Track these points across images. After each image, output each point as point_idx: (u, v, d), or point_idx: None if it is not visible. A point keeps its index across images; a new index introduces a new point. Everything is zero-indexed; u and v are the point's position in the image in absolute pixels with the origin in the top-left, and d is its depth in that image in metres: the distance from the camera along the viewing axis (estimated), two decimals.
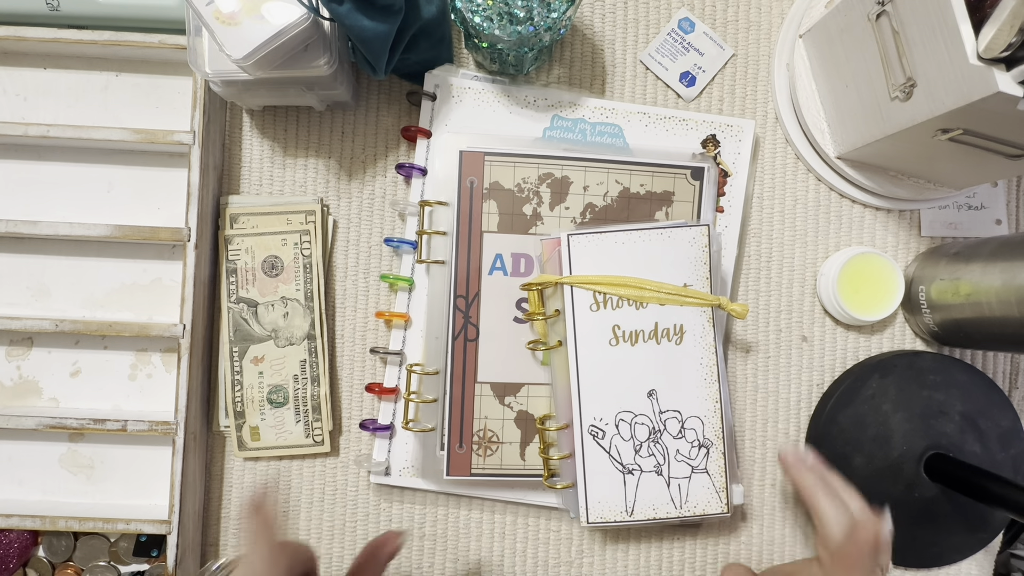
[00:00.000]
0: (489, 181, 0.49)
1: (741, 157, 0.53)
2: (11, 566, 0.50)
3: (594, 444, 0.48)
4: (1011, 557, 0.60)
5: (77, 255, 0.53)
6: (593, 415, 0.48)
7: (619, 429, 0.48)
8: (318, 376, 0.51)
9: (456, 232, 0.49)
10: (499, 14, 0.44)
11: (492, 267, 0.49)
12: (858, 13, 0.45)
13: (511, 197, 0.50)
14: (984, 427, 0.52)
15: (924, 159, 0.49)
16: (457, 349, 0.49)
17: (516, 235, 0.50)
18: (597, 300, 0.48)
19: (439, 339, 0.50)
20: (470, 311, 0.49)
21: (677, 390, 0.48)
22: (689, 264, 0.49)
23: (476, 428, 0.49)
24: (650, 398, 0.48)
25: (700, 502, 0.48)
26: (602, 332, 0.48)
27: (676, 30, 0.55)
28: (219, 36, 0.41)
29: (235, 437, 0.51)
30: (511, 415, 0.50)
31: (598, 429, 0.48)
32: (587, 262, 0.48)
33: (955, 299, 0.49)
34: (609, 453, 0.48)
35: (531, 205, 0.50)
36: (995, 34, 0.36)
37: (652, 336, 0.48)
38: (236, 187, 0.53)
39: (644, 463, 0.48)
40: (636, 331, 0.48)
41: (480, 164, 0.49)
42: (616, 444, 0.48)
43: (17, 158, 0.52)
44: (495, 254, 0.50)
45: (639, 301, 0.48)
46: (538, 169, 0.50)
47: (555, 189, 0.50)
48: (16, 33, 0.49)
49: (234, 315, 0.51)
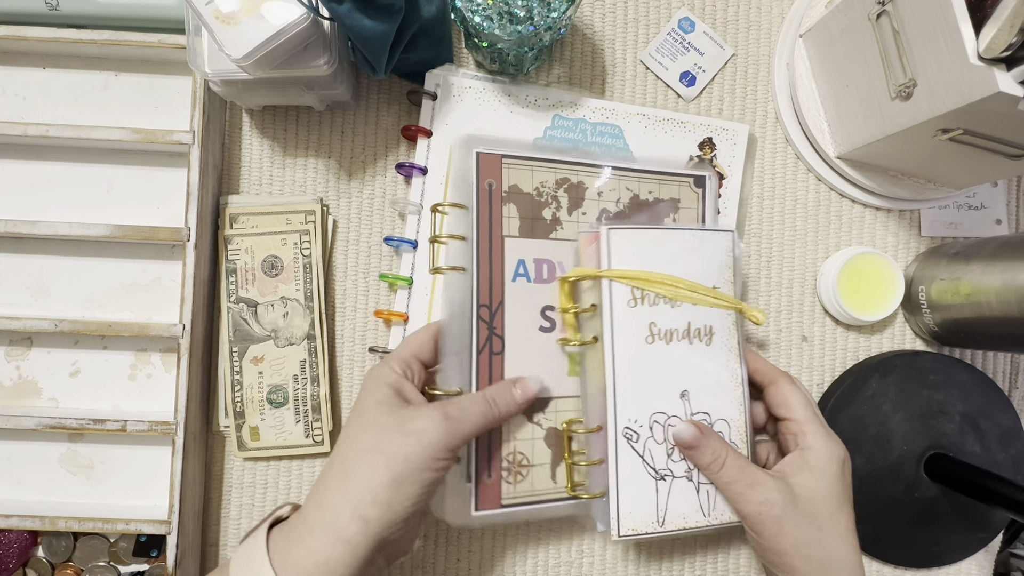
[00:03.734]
0: (508, 184, 0.47)
1: (736, 160, 0.53)
2: (10, 566, 0.50)
3: (628, 448, 0.45)
4: (1011, 557, 0.60)
5: (76, 255, 0.53)
6: (628, 416, 0.45)
7: (652, 431, 0.46)
8: (318, 376, 0.51)
9: (476, 237, 0.46)
10: (499, 14, 0.44)
11: (516, 273, 0.47)
12: (858, 13, 0.45)
13: (531, 201, 0.48)
14: (984, 427, 0.52)
15: (924, 159, 0.49)
16: (482, 364, 0.45)
17: (538, 240, 0.47)
18: (635, 296, 0.46)
19: (460, 355, 0.45)
20: (494, 322, 0.46)
21: (707, 391, 0.47)
22: (717, 267, 0.48)
23: (506, 452, 0.46)
24: (683, 399, 0.46)
25: (726, 509, 0.46)
26: (639, 329, 0.46)
27: (676, 30, 0.55)
28: (219, 36, 0.41)
29: (235, 437, 0.51)
30: (541, 433, 0.47)
31: (632, 431, 0.45)
32: (625, 257, 0.46)
33: (955, 299, 0.49)
34: (643, 457, 0.45)
35: (550, 209, 0.48)
36: (995, 34, 0.36)
37: (685, 335, 0.47)
38: (236, 187, 0.53)
39: (676, 468, 0.46)
40: (671, 329, 0.46)
41: (498, 167, 0.47)
42: (650, 447, 0.46)
43: (16, 158, 0.52)
44: (517, 260, 0.47)
45: (674, 299, 0.47)
46: (555, 174, 0.48)
47: (572, 194, 0.49)
48: (15, 33, 0.49)
49: (234, 315, 0.51)
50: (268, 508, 0.53)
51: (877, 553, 0.53)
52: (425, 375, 0.45)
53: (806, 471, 0.43)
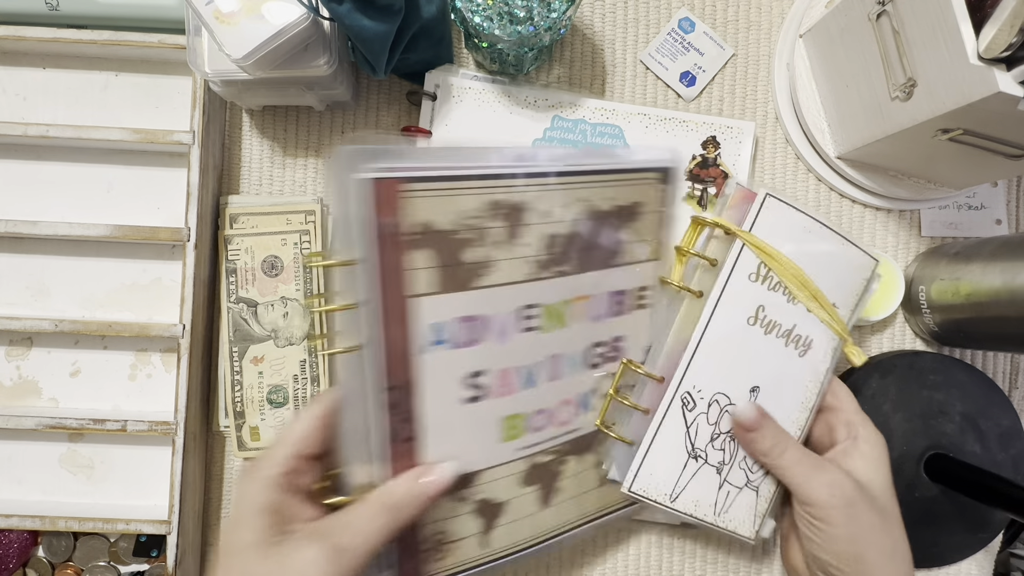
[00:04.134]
0: (415, 221, 0.35)
1: (741, 159, 0.53)
2: (11, 566, 0.50)
3: (679, 412, 0.43)
4: (1011, 557, 0.60)
5: (77, 255, 0.53)
6: (694, 382, 0.43)
7: (709, 409, 0.44)
8: (318, 376, 0.51)
9: (373, 304, 0.35)
10: (499, 14, 0.44)
11: (431, 342, 0.36)
12: (858, 13, 0.45)
13: (449, 242, 0.36)
14: (984, 427, 0.52)
15: (924, 159, 0.49)
16: (393, 454, 0.37)
17: (462, 293, 0.37)
18: (760, 272, 0.43)
19: (360, 447, 0.36)
20: (405, 405, 0.36)
21: (776, 399, 0.44)
22: (847, 288, 0.46)
23: (424, 535, 0.39)
24: (752, 393, 0.44)
25: (735, 518, 0.45)
26: (748, 305, 0.43)
27: (676, 30, 0.55)
28: (219, 36, 0.41)
29: (235, 437, 0.51)
30: (468, 508, 0.40)
31: (691, 399, 0.43)
32: (770, 229, 0.43)
33: (955, 299, 0.49)
34: (688, 428, 0.43)
35: (479, 248, 0.37)
36: (995, 34, 0.36)
37: (785, 335, 0.44)
38: (236, 187, 0.53)
39: (712, 455, 0.44)
40: (775, 322, 0.44)
41: (396, 197, 0.34)
42: (699, 422, 0.44)
43: (17, 158, 0.52)
44: (432, 324, 0.36)
45: (794, 296, 0.44)
46: (482, 196, 0.37)
47: (508, 221, 0.38)
48: (15, 33, 0.49)
49: (234, 315, 0.50)
50: None
51: None
52: (320, 465, 0.37)
53: (863, 459, 0.42)
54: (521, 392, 0.41)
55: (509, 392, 0.40)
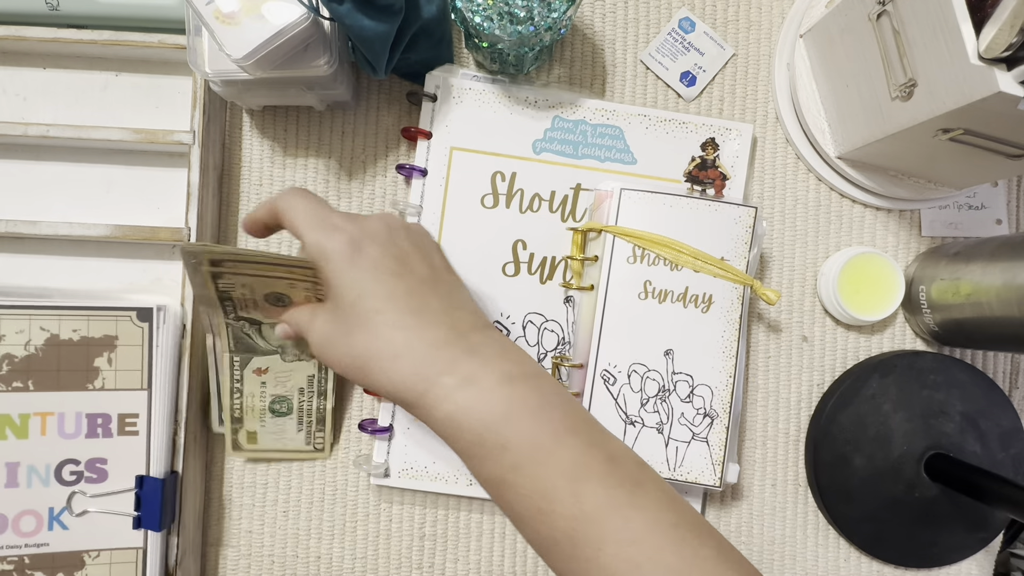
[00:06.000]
0: None
1: (739, 160, 0.53)
2: None
3: (604, 388, 0.49)
4: (1011, 557, 0.60)
5: (76, 255, 0.52)
6: (608, 360, 0.49)
7: (630, 380, 0.49)
8: (326, 391, 0.51)
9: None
10: (499, 14, 0.44)
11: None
12: (858, 13, 0.45)
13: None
14: (984, 427, 0.52)
15: (925, 159, 0.49)
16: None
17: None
18: (635, 253, 0.49)
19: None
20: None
21: (693, 355, 0.49)
22: (730, 240, 0.50)
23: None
24: (666, 357, 0.49)
25: (694, 470, 0.49)
26: (634, 284, 0.49)
27: (676, 30, 0.55)
28: (219, 36, 0.41)
29: (230, 440, 0.50)
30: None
31: (610, 375, 0.49)
32: (633, 217, 0.49)
33: (955, 299, 0.49)
34: (616, 401, 0.49)
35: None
36: (996, 34, 0.36)
37: (680, 299, 0.49)
38: (236, 187, 0.53)
39: (648, 418, 0.49)
40: (666, 290, 0.49)
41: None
42: (624, 393, 0.49)
43: (17, 158, 0.52)
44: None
45: (675, 263, 0.49)
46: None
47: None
48: (16, 33, 0.49)
49: (234, 330, 0.48)
50: (268, 508, 0.53)
51: (877, 553, 0.53)
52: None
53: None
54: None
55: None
